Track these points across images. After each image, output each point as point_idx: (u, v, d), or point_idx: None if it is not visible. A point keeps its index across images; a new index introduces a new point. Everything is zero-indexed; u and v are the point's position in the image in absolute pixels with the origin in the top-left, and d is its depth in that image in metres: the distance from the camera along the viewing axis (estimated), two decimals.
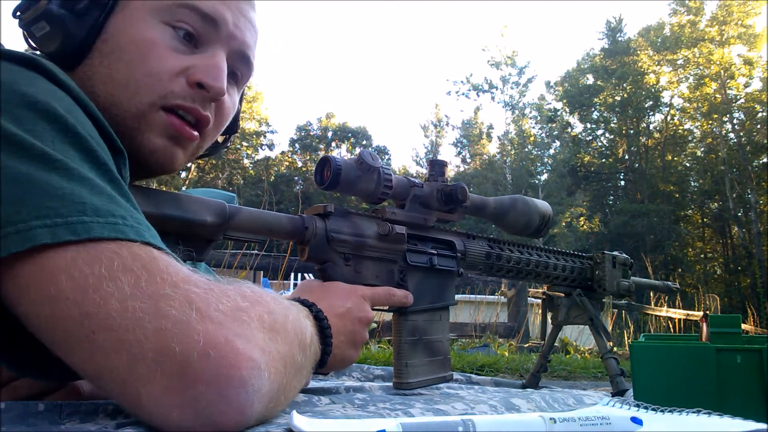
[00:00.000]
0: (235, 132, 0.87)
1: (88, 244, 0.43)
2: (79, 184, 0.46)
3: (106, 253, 0.44)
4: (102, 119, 0.54)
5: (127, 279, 0.43)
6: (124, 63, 0.63)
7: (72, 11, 0.62)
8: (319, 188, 0.82)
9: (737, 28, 23.61)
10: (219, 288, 0.48)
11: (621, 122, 28.07)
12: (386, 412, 0.67)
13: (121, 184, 0.51)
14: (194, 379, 0.42)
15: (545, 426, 0.50)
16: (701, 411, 0.59)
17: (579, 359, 3.82)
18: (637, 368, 0.84)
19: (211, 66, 0.67)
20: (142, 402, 0.43)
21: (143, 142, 0.65)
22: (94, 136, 0.51)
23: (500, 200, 1.03)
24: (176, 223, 0.66)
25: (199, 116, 0.67)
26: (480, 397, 0.82)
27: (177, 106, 0.65)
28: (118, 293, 0.42)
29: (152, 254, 0.46)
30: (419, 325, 0.90)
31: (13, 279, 0.42)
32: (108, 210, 0.46)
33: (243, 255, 4.16)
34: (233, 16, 0.69)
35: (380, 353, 3.10)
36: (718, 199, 25.13)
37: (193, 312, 0.44)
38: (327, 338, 0.67)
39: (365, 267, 0.84)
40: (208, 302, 0.45)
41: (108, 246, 0.44)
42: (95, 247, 0.44)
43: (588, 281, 1.19)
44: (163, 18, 0.65)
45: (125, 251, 0.45)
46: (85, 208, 0.44)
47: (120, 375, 0.43)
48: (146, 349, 0.42)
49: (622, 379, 1.09)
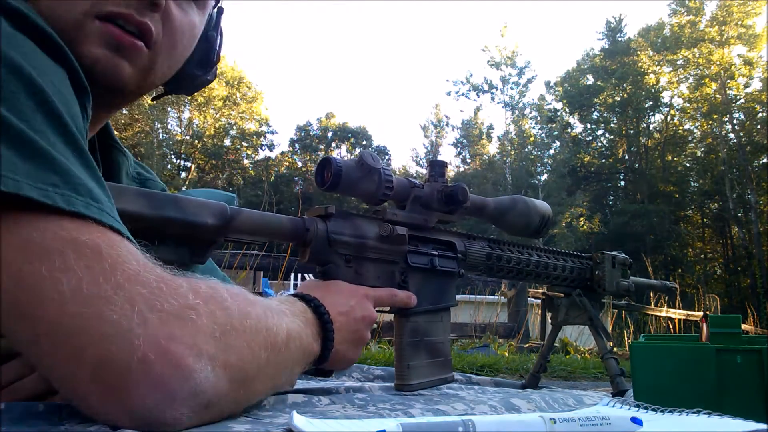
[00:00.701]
0: (214, 65, 0.83)
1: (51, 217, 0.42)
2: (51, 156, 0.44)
3: (58, 241, 0.42)
4: (65, 51, 0.52)
5: (73, 279, 0.42)
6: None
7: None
8: (320, 189, 0.82)
9: (737, 29, 23.61)
10: (170, 285, 0.46)
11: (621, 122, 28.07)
12: (386, 412, 0.67)
13: (87, 156, 0.49)
14: (135, 385, 0.42)
15: (545, 426, 0.50)
16: (701, 411, 0.59)
17: (579, 359, 3.82)
18: (637, 368, 0.85)
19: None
20: (91, 407, 0.43)
21: (83, 53, 0.61)
22: (58, 84, 0.49)
23: (500, 201, 1.03)
24: (177, 225, 0.66)
25: (137, 23, 0.64)
26: (480, 398, 0.82)
27: (110, 13, 0.62)
28: (61, 295, 0.41)
29: (101, 246, 0.44)
30: (420, 327, 0.90)
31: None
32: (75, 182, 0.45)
33: (243, 255, 4.16)
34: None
35: (380, 353, 3.10)
36: (718, 199, 25.12)
37: (135, 315, 0.42)
38: (328, 332, 0.67)
39: (366, 268, 0.84)
40: (153, 304, 0.44)
41: (63, 229, 0.43)
42: (53, 223, 0.42)
43: (587, 281, 1.19)
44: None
45: (83, 235, 0.43)
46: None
47: (67, 381, 0.43)
48: (88, 355, 0.41)
49: (622, 379, 1.09)
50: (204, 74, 0.83)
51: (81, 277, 0.42)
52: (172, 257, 0.68)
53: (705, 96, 25.24)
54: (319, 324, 0.67)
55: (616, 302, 1.26)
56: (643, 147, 27.25)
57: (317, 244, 0.79)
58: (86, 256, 0.43)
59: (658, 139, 27.17)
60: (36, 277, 0.41)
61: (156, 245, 0.67)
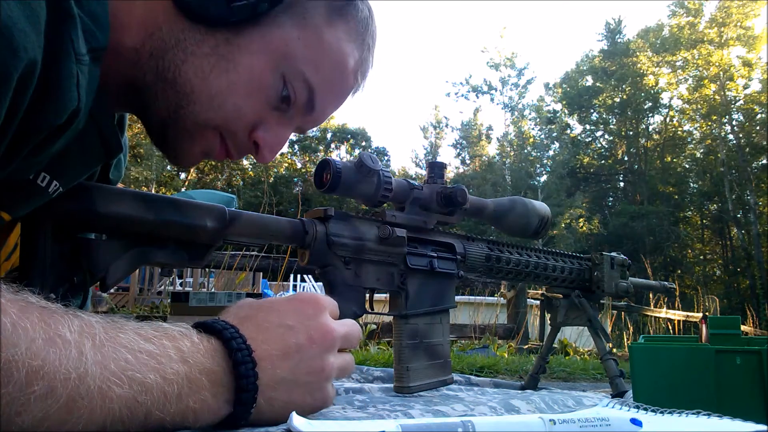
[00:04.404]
0: None
1: None
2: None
3: None
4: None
5: None
6: (227, 78, 0.62)
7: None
8: (319, 191, 0.82)
9: (736, 30, 23.66)
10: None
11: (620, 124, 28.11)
12: (386, 413, 0.68)
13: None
14: None
15: (545, 427, 0.50)
16: (701, 412, 0.59)
17: (578, 360, 3.82)
18: (637, 370, 0.85)
19: (276, 143, 0.68)
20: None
21: (184, 146, 0.65)
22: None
23: (499, 202, 1.03)
24: (176, 228, 0.66)
25: (232, 157, 0.69)
26: (479, 399, 0.82)
27: (226, 137, 0.66)
28: None
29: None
30: (420, 329, 0.90)
31: None
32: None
33: (242, 257, 4.16)
34: (330, 112, 0.72)
35: (379, 354, 3.10)
36: (718, 200, 25.14)
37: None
38: (242, 378, 0.48)
39: (365, 270, 0.84)
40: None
41: None
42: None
43: (586, 282, 1.19)
44: (285, 71, 0.64)
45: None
46: None
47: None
48: None
49: (621, 380, 1.09)
50: None
51: None
52: (171, 260, 0.69)
53: (704, 97, 25.27)
54: (230, 365, 0.49)
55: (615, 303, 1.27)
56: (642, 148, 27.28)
57: (317, 247, 0.79)
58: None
59: (657, 141, 27.21)
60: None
61: (155, 248, 0.67)
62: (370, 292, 0.87)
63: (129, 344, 0.43)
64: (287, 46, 0.63)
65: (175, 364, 0.45)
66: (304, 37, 0.64)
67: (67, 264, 0.62)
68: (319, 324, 0.57)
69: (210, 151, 0.67)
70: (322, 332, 0.56)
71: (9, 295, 0.40)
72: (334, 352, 0.57)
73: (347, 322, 0.61)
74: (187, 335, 0.48)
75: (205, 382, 0.46)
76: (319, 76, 0.66)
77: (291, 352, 0.53)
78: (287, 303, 0.58)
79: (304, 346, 0.54)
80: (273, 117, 0.67)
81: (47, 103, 0.47)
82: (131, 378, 0.42)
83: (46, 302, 0.42)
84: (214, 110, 0.63)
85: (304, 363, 0.54)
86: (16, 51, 0.42)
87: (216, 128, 0.64)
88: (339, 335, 0.58)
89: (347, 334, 0.60)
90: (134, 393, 0.42)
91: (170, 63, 0.60)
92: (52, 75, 0.47)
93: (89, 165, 0.62)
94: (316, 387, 0.55)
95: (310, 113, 0.69)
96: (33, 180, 0.56)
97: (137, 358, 0.43)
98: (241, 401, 0.48)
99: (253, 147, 0.68)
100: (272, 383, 0.51)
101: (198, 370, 0.46)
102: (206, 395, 0.47)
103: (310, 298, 0.59)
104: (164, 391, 0.44)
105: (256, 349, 0.50)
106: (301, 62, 0.64)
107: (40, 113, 0.47)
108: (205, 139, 0.65)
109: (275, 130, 0.68)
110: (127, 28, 0.59)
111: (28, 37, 0.42)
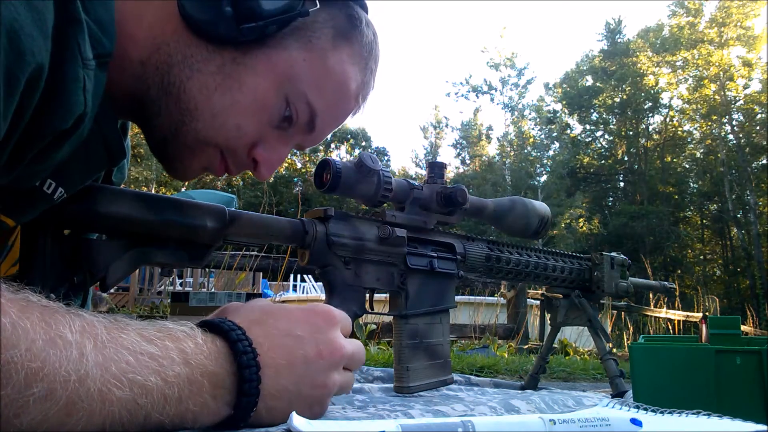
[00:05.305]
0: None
1: None
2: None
3: None
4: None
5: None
6: (231, 97, 0.62)
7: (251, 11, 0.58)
8: (319, 191, 0.82)
9: (736, 30, 23.66)
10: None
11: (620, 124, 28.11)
12: (386, 413, 0.68)
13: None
14: None
15: (545, 427, 0.50)
16: (701, 412, 0.59)
17: (578, 361, 3.83)
18: (637, 370, 0.85)
19: (275, 161, 0.69)
20: None
21: (184, 161, 0.66)
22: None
23: (499, 202, 1.03)
24: (177, 228, 0.66)
25: (231, 173, 0.70)
26: (479, 399, 0.82)
27: (226, 154, 0.67)
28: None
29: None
30: (420, 329, 0.90)
31: None
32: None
33: (242, 257, 4.16)
34: (329, 132, 0.73)
35: (380, 354, 3.10)
36: (718, 200, 25.15)
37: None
38: (245, 383, 0.48)
39: (365, 270, 0.84)
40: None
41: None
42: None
43: (586, 282, 1.19)
44: (288, 92, 0.65)
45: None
46: None
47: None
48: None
49: (621, 380, 1.09)
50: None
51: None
52: (171, 260, 0.69)
53: (704, 97, 25.28)
54: (235, 369, 0.48)
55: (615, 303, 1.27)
56: (642, 148, 27.28)
57: (317, 247, 0.79)
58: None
59: (657, 141, 27.21)
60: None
61: (155, 248, 0.67)
62: (370, 292, 0.88)
63: (131, 346, 0.43)
64: (292, 69, 0.64)
65: (177, 367, 0.45)
66: (310, 59, 0.64)
67: (67, 264, 0.62)
68: (329, 339, 0.55)
69: (209, 166, 0.68)
70: (332, 348, 0.55)
71: (9, 294, 0.40)
72: (339, 369, 0.56)
73: (355, 342, 0.60)
74: (191, 336, 0.47)
75: (206, 385, 0.46)
76: (322, 98, 0.67)
77: (297, 364, 0.52)
78: (300, 312, 0.56)
79: (311, 360, 0.53)
80: (273, 135, 0.67)
81: (53, 107, 0.47)
82: (132, 380, 0.42)
83: (48, 301, 0.42)
84: (215, 128, 0.63)
85: (308, 376, 0.53)
86: (24, 55, 0.42)
87: (217, 146, 0.65)
88: (347, 353, 0.57)
89: (354, 354, 0.59)
90: (134, 396, 0.42)
91: (176, 78, 0.60)
92: (58, 79, 0.46)
93: (93, 171, 0.62)
94: (316, 401, 0.54)
95: (310, 133, 0.69)
96: (39, 187, 0.56)
97: (139, 360, 0.43)
98: (241, 405, 0.48)
99: (252, 164, 0.68)
100: (274, 392, 0.50)
101: (200, 372, 0.46)
102: (206, 398, 0.46)
103: (324, 310, 0.58)
104: (165, 393, 0.43)
105: (262, 356, 0.49)
106: (305, 84, 0.65)
107: (46, 117, 0.47)
108: (205, 155, 0.66)
109: (275, 148, 0.68)
110: (134, 39, 0.59)
111: (36, 41, 0.42)
